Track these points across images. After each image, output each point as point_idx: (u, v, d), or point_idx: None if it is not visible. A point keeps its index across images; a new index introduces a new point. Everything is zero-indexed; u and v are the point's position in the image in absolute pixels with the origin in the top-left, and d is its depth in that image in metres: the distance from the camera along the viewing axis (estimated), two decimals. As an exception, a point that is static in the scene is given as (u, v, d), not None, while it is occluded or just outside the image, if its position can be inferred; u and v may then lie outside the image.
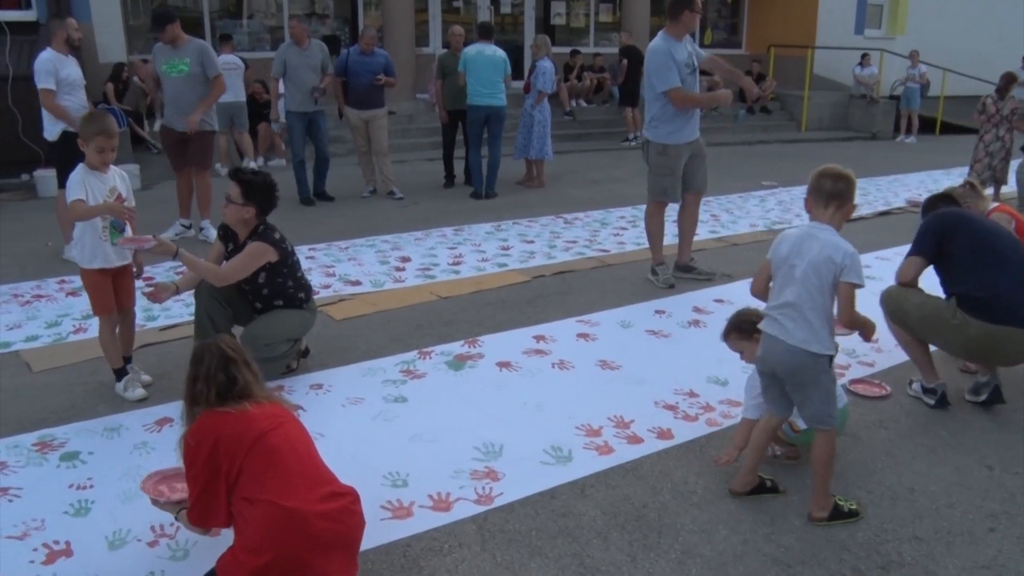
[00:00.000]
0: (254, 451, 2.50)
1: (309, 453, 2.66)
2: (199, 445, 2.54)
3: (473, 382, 4.30)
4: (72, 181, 3.95)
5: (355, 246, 7.12)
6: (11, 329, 5.26)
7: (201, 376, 2.65)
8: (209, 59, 7.13)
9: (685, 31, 5.72)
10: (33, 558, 2.93)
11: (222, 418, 2.57)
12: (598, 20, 17.27)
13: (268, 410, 2.66)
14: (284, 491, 2.45)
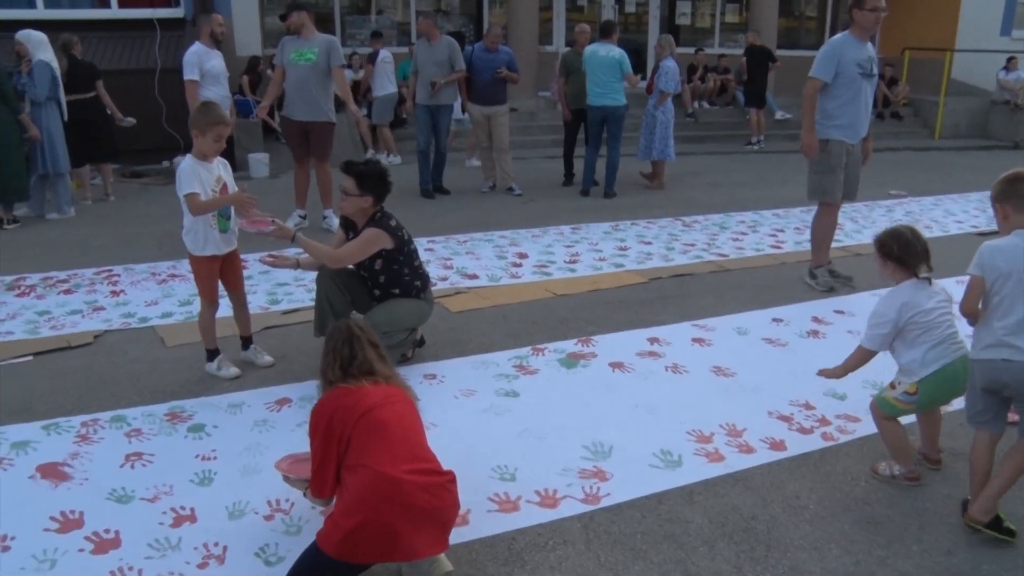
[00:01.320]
0: (362, 423, 2.64)
1: (415, 430, 2.78)
2: (319, 419, 2.71)
3: (585, 381, 4.33)
4: (185, 173, 4.10)
5: (473, 240, 7.25)
6: (148, 305, 5.61)
7: (329, 350, 2.88)
8: (336, 51, 7.36)
9: (861, 31, 5.57)
10: (162, 520, 3.13)
11: (340, 392, 2.76)
12: (724, 20, 16.94)
13: (384, 389, 2.80)
14: (383, 459, 2.56)
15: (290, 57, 7.32)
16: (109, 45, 11.77)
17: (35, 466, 3.53)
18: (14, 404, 4.13)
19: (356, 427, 2.64)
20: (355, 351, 2.86)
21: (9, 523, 3.12)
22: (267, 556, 2.91)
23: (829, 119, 5.62)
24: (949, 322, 3.25)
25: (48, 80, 8.17)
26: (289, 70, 7.37)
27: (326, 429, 2.67)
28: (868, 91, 5.64)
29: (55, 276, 6.32)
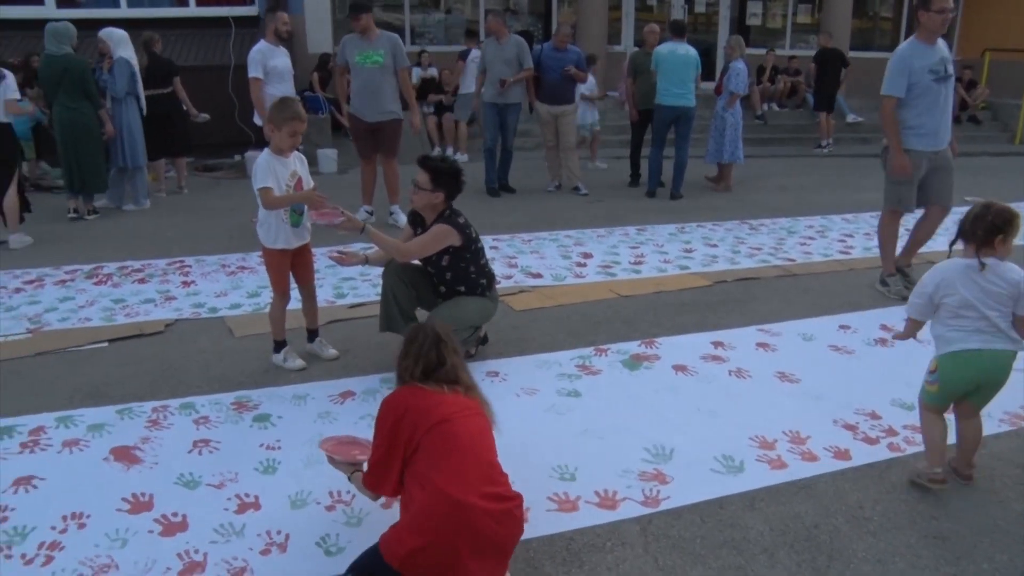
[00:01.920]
0: (435, 432, 2.59)
1: (487, 449, 2.70)
2: (388, 412, 2.69)
3: (648, 383, 4.30)
4: (260, 168, 4.17)
5: (538, 239, 7.26)
6: (218, 296, 5.75)
7: (412, 353, 2.80)
8: (401, 52, 7.43)
9: (928, 34, 5.42)
10: (227, 506, 3.21)
11: (416, 392, 2.72)
12: (796, 21, 16.63)
13: (462, 400, 2.75)
14: (454, 480, 2.50)
15: (355, 59, 7.39)
16: (187, 42, 12.10)
17: (109, 448, 3.65)
18: (91, 388, 4.28)
19: (428, 435, 2.59)
20: (443, 356, 2.81)
21: (85, 501, 3.24)
22: (327, 546, 2.95)
23: (908, 129, 5.47)
24: (987, 316, 3.14)
25: (127, 77, 8.43)
26: (355, 72, 7.45)
27: (394, 426, 2.65)
28: (946, 94, 5.47)
29: (131, 265, 6.53)
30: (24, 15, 11.52)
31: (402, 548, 2.47)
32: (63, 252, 7.05)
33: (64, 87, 7.93)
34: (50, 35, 7.91)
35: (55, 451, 3.66)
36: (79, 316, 5.41)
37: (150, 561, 2.89)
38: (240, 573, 2.82)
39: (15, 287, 6.08)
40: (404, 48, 7.58)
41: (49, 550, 2.96)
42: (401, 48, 7.47)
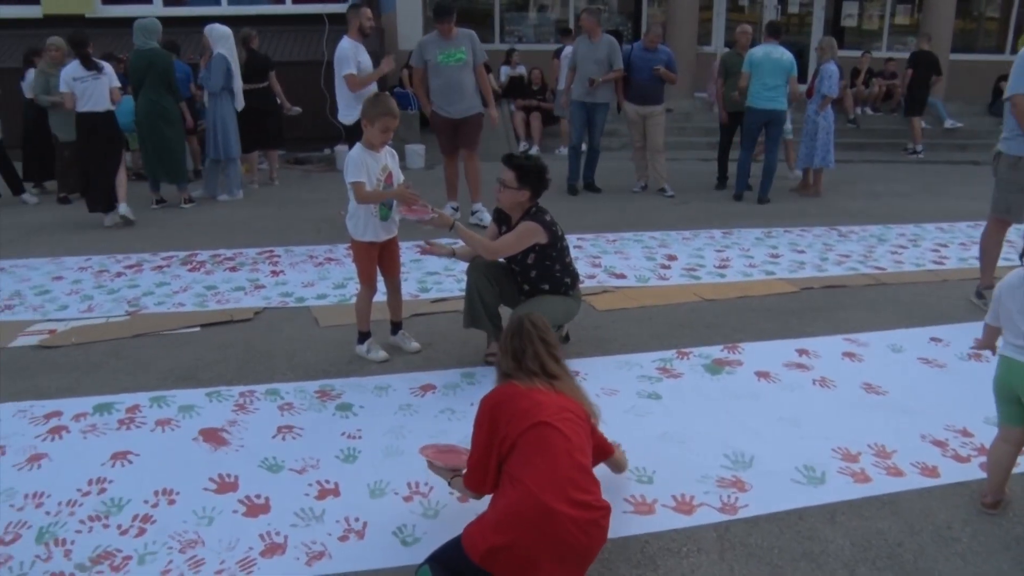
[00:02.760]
0: (530, 433, 2.59)
1: (582, 455, 2.66)
2: (486, 410, 2.72)
3: (729, 388, 4.24)
4: (353, 162, 4.25)
5: (623, 240, 7.22)
6: (305, 286, 5.90)
7: (502, 345, 2.90)
8: (478, 47, 7.52)
9: None
10: (308, 492, 3.29)
11: (514, 391, 2.72)
12: (894, 22, 16.10)
13: (561, 402, 2.73)
14: (544, 484, 2.49)
15: (438, 59, 7.46)
16: (282, 38, 12.43)
17: (198, 429, 3.78)
18: (182, 371, 4.44)
19: (523, 436, 2.59)
20: (524, 344, 2.83)
21: (175, 479, 3.37)
22: (404, 536, 2.99)
23: (1022, 136, 5.16)
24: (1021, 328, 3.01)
25: (223, 72, 8.72)
26: (438, 70, 7.51)
27: (491, 424, 2.67)
28: None
29: (223, 254, 6.75)
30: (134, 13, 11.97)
31: (484, 543, 2.48)
32: (160, 239, 7.35)
33: (149, 80, 8.33)
34: (138, 30, 8.34)
35: (148, 429, 3.81)
36: (174, 301, 5.63)
37: (234, 540, 2.98)
38: (318, 557, 2.89)
39: (116, 271, 6.36)
40: (480, 43, 7.65)
41: (142, 523, 3.09)
42: (479, 44, 7.58)
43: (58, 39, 8.98)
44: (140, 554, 2.91)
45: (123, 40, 11.73)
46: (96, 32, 12.27)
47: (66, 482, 3.37)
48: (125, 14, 12.34)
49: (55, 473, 3.45)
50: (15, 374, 4.48)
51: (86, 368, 4.54)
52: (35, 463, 3.53)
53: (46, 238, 7.60)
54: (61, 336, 5.02)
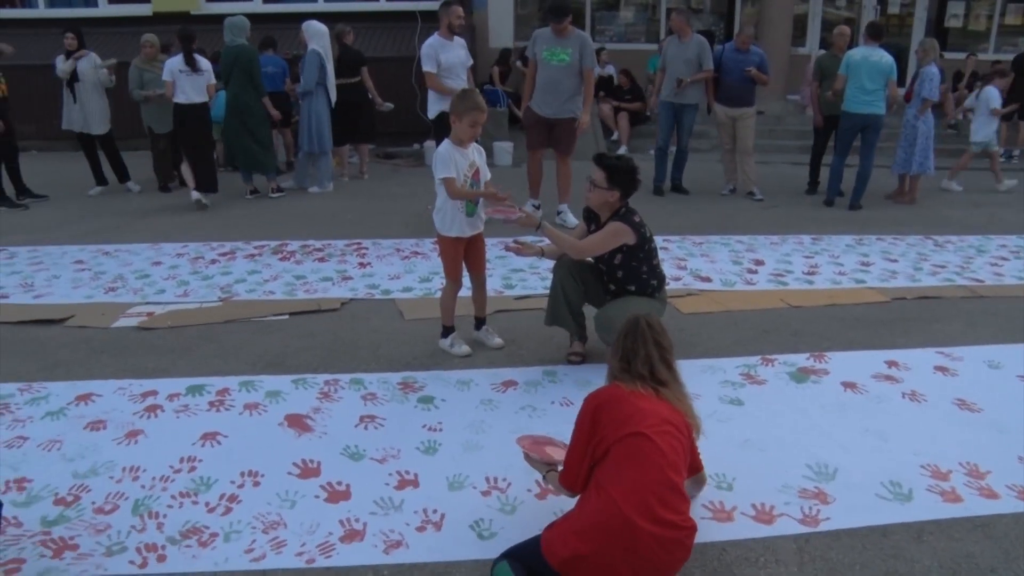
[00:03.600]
0: (626, 442, 2.55)
1: (676, 472, 2.59)
2: (588, 411, 2.69)
3: (814, 398, 4.14)
4: (441, 157, 4.30)
5: (709, 242, 7.13)
6: (391, 279, 6.00)
7: (615, 344, 2.87)
8: (589, 52, 7.44)
9: None
10: (388, 481, 3.35)
11: (618, 394, 2.69)
12: (1003, 22, 15.38)
13: (664, 412, 2.68)
14: (631, 498, 2.45)
15: (543, 55, 7.45)
16: (375, 34, 12.65)
17: (284, 415, 3.89)
18: (271, 357, 4.57)
19: (618, 444, 2.56)
20: (636, 346, 2.79)
21: (261, 462, 3.47)
22: (481, 530, 3.02)
23: None
24: None
25: (316, 68, 8.96)
26: (541, 67, 7.50)
27: (592, 425, 2.64)
28: None
29: (312, 244, 6.92)
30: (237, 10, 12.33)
31: (565, 550, 2.46)
32: (253, 228, 7.57)
33: (235, 75, 8.66)
34: (228, 28, 8.74)
35: (237, 412, 3.94)
36: (264, 289, 5.80)
37: (315, 524, 3.06)
38: (396, 546, 2.94)
39: (211, 258, 6.59)
40: (593, 48, 7.59)
41: (228, 502, 3.20)
42: (590, 48, 7.48)
43: (152, 36, 9.37)
44: (226, 532, 3.02)
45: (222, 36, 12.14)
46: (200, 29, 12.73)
47: (160, 458, 3.52)
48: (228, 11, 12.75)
49: (150, 449, 3.61)
50: (116, 353, 4.69)
51: (180, 350, 4.72)
52: (132, 439, 3.70)
53: (147, 225, 7.92)
54: (158, 319, 5.23)
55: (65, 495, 3.27)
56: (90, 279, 6.14)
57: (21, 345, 4.88)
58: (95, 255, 6.81)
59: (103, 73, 9.37)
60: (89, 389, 4.22)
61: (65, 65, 9.20)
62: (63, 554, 2.91)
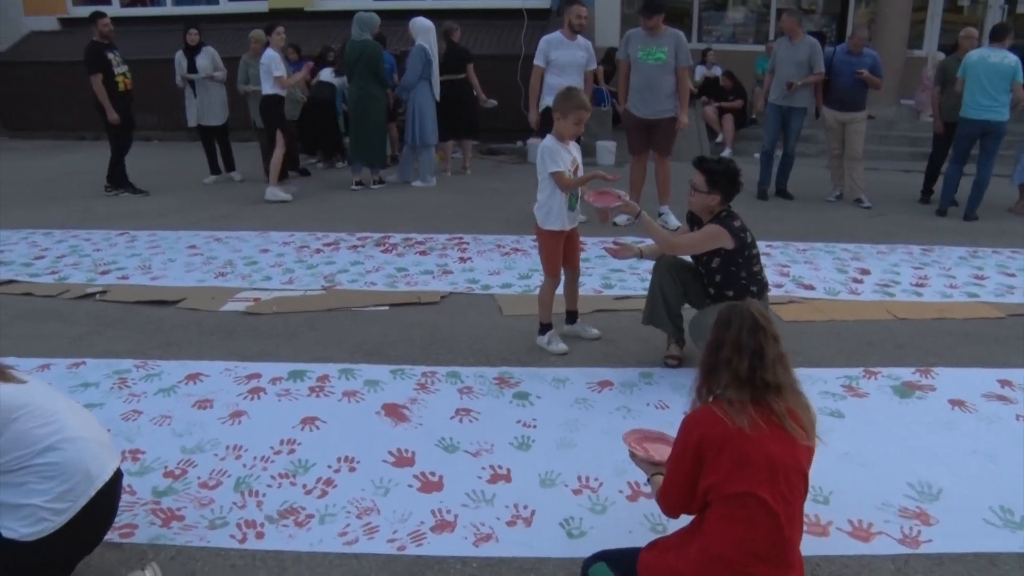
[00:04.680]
0: (737, 502, 2.27)
1: (793, 528, 2.32)
2: (689, 439, 2.36)
3: (919, 414, 3.99)
4: (549, 152, 4.36)
5: (813, 250, 6.94)
6: (491, 274, 6.06)
7: (729, 340, 2.36)
8: (684, 50, 7.35)
9: None
10: (480, 475, 3.39)
11: (726, 434, 2.29)
12: None
13: (774, 452, 2.28)
14: (742, 559, 2.25)
15: (638, 55, 7.39)
16: (482, 32, 12.76)
17: (381, 404, 3.98)
18: (370, 346, 4.68)
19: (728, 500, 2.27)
20: (761, 344, 2.33)
21: (357, 448, 3.57)
22: (570, 528, 3.03)
23: None
24: None
25: (420, 63, 9.13)
26: (636, 67, 7.45)
27: (696, 460, 2.33)
28: None
29: (414, 237, 7.05)
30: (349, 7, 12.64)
31: None
32: (357, 220, 7.76)
33: (359, 69, 8.94)
34: (356, 23, 9.04)
35: (336, 399, 4.05)
36: (366, 280, 5.94)
37: (407, 513, 3.12)
38: (486, 539, 2.97)
39: (316, 248, 6.79)
40: (687, 46, 7.51)
41: (324, 485, 3.30)
42: (685, 46, 7.40)
43: (259, 32, 9.68)
44: (321, 514, 3.11)
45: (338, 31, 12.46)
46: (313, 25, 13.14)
47: (261, 439, 3.65)
48: (341, 7, 13.13)
49: (252, 430, 3.75)
50: (224, 336, 4.89)
51: (284, 336, 4.88)
52: (236, 419, 3.85)
53: (256, 213, 8.21)
54: (264, 305, 5.41)
55: (174, 468, 3.43)
56: (202, 264, 6.41)
57: (138, 323, 5.15)
58: (207, 241, 7.10)
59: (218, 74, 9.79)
60: (198, 369, 4.41)
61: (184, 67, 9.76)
62: (170, 523, 3.07)
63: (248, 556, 2.90)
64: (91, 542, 2.63)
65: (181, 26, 10.04)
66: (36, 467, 2.37)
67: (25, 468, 2.36)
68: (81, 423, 2.56)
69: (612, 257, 4.44)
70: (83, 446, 2.48)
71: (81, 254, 6.76)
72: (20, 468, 2.36)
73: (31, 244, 7.12)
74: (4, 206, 8.72)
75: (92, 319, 5.25)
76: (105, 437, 2.68)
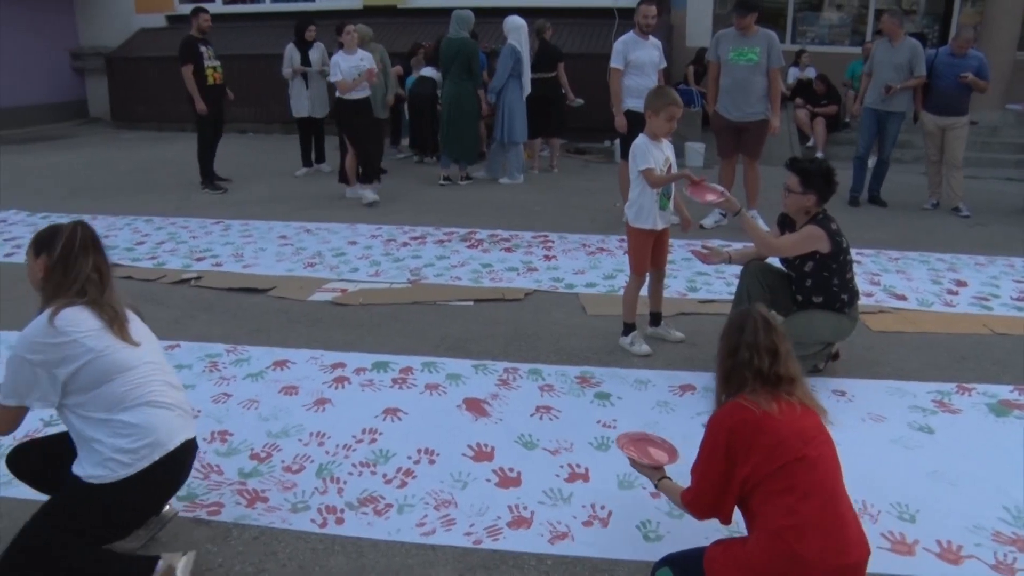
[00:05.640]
0: (780, 476, 2.34)
1: (838, 499, 2.38)
2: (718, 435, 2.45)
3: (1017, 435, 3.81)
4: (640, 150, 4.37)
5: (906, 259, 6.72)
6: (576, 273, 6.06)
7: (745, 343, 2.49)
8: (776, 51, 7.19)
9: None
10: (559, 473, 3.40)
11: (752, 418, 2.39)
12: None
13: (805, 425, 2.42)
14: (800, 534, 2.27)
15: (729, 56, 7.28)
16: (572, 30, 12.75)
17: (463, 398, 4.03)
18: (453, 341, 4.74)
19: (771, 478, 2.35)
20: (775, 344, 2.48)
21: (438, 440, 3.62)
22: (647, 531, 3.01)
23: None
24: None
25: (510, 64, 9.19)
26: (728, 68, 7.33)
27: (727, 453, 2.41)
28: None
29: (500, 234, 7.09)
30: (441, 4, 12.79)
31: None
32: (444, 215, 7.85)
33: (455, 66, 9.03)
34: (454, 20, 9.15)
35: (418, 391, 4.11)
36: (451, 274, 6.01)
37: (484, 506, 3.16)
38: (561, 537, 2.98)
39: (403, 241, 6.90)
40: (780, 47, 7.35)
41: (404, 476, 3.36)
42: (777, 47, 7.25)
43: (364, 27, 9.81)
44: (400, 504, 3.17)
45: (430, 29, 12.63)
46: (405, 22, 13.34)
47: (344, 427, 3.74)
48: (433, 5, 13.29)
49: (336, 418, 3.84)
50: (311, 325, 5.02)
51: (369, 327, 4.97)
52: (320, 406, 3.95)
53: (345, 205, 8.39)
54: (351, 296, 5.52)
55: (259, 451, 3.54)
56: (292, 254, 6.58)
57: (230, 309, 5.32)
58: (298, 232, 7.28)
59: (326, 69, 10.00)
60: (285, 356, 4.53)
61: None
62: (255, 504, 3.17)
63: (328, 541, 2.97)
64: (149, 505, 2.75)
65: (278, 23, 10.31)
66: (115, 422, 2.56)
67: (107, 422, 2.56)
68: (167, 393, 2.71)
69: (701, 261, 4.40)
70: (160, 414, 2.65)
71: (178, 241, 7.02)
72: (102, 421, 2.56)
73: (133, 230, 7.42)
74: (111, 193, 9.12)
75: (187, 303, 5.45)
76: (186, 409, 2.81)
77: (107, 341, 2.58)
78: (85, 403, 2.56)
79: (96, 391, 2.55)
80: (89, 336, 2.55)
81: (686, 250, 5.84)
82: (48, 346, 2.50)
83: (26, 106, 14.96)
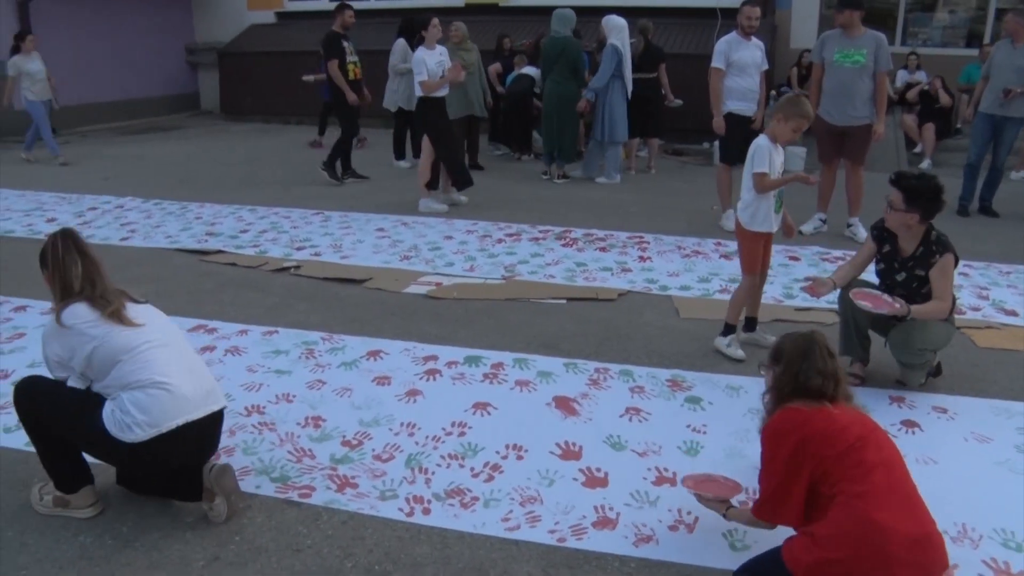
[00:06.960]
0: (845, 461, 2.44)
1: (903, 476, 2.49)
2: (782, 440, 2.54)
3: None
4: (760, 151, 4.32)
5: (1018, 272, 6.40)
6: (670, 275, 6.00)
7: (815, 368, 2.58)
8: (884, 53, 6.91)
9: None
10: (646, 476, 3.37)
11: (808, 416, 2.52)
12: None
13: (855, 417, 2.57)
14: (874, 500, 2.34)
15: (834, 57, 7.02)
16: (674, 30, 12.64)
17: (552, 396, 4.04)
18: (545, 338, 4.75)
19: (836, 463, 2.44)
20: (836, 370, 2.62)
21: (526, 436, 3.64)
22: (733, 540, 2.97)
23: None
24: None
25: (612, 64, 9.13)
26: (831, 70, 7.07)
27: (793, 455, 2.49)
28: None
29: (595, 233, 7.08)
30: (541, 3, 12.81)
31: (810, 556, 2.38)
32: (539, 212, 7.87)
33: (559, 65, 9.08)
34: (556, 19, 9.17)
35: (508, 387, 4.14)
36: (545, 272, 6.02)
37: (569, 506, 3.16)
38: (646, 540, 2.96)
39: (498, 238, 6.95)
40: (889, 49, 7.07)
41: (491, 470, 3.39)
42: (886, 49, 6.97)
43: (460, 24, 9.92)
44: (486, 498, 3.20)
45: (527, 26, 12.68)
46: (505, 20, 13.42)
47: (434, 419, 3.79)
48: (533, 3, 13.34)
49: (426, 409, 3.90)
50: (405, 317, 5.11)
51: (462, 321, 5.03)
52: (412, 397, 4.02)
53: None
54: (445, 290, 5.60)
55: (351, 439, 3.63)
56: (388, 246, 6.71)
57: (327, 299, 5.46)
58: (395, 224, 7.42)
59: None
60: (379, 346, 4.63)
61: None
62: (345, 490, 3.25)
63: (414, 530, 3.02)
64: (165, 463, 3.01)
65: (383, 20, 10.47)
66: (129, 396, 2.87)
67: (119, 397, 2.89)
68: (178, 369, 2.96)
69: (809, 295, 4.31)
70: (169, 391, 2.89)
71: (280, 230, 7.23)
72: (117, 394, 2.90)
73: (238, 219, 7.69)
74: (218, 183, 9.47)
75: (286, 291, 5.62)
76: (202, 383, 3.03)
77: (107, 328, 2.90)
78: (109, 386, 2.90)
79: (112, 374, 2.88)
80: (89, 324, 2.89)
81: (783, 255, 5.74)
82: (58, 339, 2.92)
83: (144, 98, 15.67)
